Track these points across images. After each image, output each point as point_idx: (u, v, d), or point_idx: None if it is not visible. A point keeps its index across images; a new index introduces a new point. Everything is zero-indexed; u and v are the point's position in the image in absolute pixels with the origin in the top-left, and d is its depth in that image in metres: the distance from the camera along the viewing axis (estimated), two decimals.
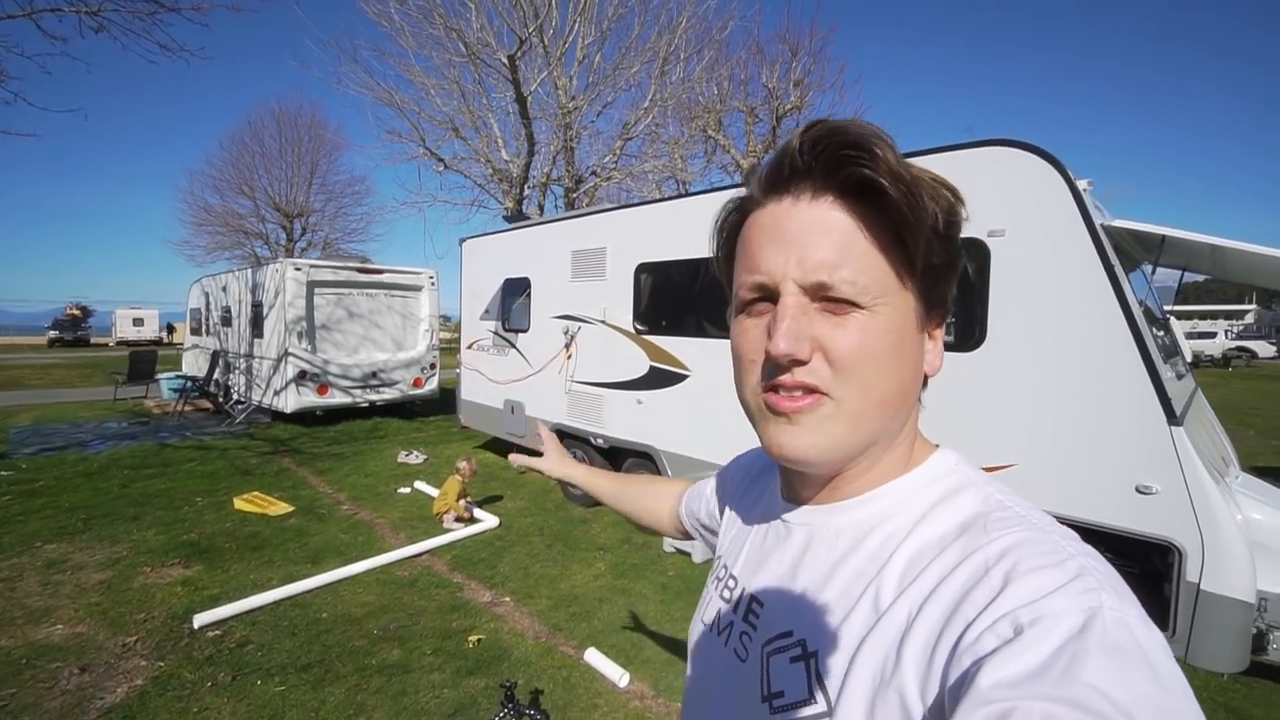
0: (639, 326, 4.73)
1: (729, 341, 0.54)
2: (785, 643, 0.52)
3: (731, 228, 0.55)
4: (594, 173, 10.86)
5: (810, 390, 0.47)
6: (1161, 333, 3.54)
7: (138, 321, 35.05)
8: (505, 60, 8.51)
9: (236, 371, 10.36)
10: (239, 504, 5.25)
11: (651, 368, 4.63)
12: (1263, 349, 26.90)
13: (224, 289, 11.07)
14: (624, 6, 9.51)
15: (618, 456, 5.15)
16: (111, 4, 5.42)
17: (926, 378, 0.54)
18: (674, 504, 0.97)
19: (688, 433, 4.40)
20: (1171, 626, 2.45)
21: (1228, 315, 38.09)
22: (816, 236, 0.46)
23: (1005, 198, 2.82)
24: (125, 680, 2.79)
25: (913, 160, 0.47)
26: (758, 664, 0.54)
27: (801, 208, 0.47)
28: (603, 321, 5.03)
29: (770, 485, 0.65)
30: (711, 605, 0.65)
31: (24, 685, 2.74)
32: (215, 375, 10.52)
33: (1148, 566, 2.57)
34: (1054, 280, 2.74)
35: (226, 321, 10.88)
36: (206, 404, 10.47)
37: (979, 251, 2.88)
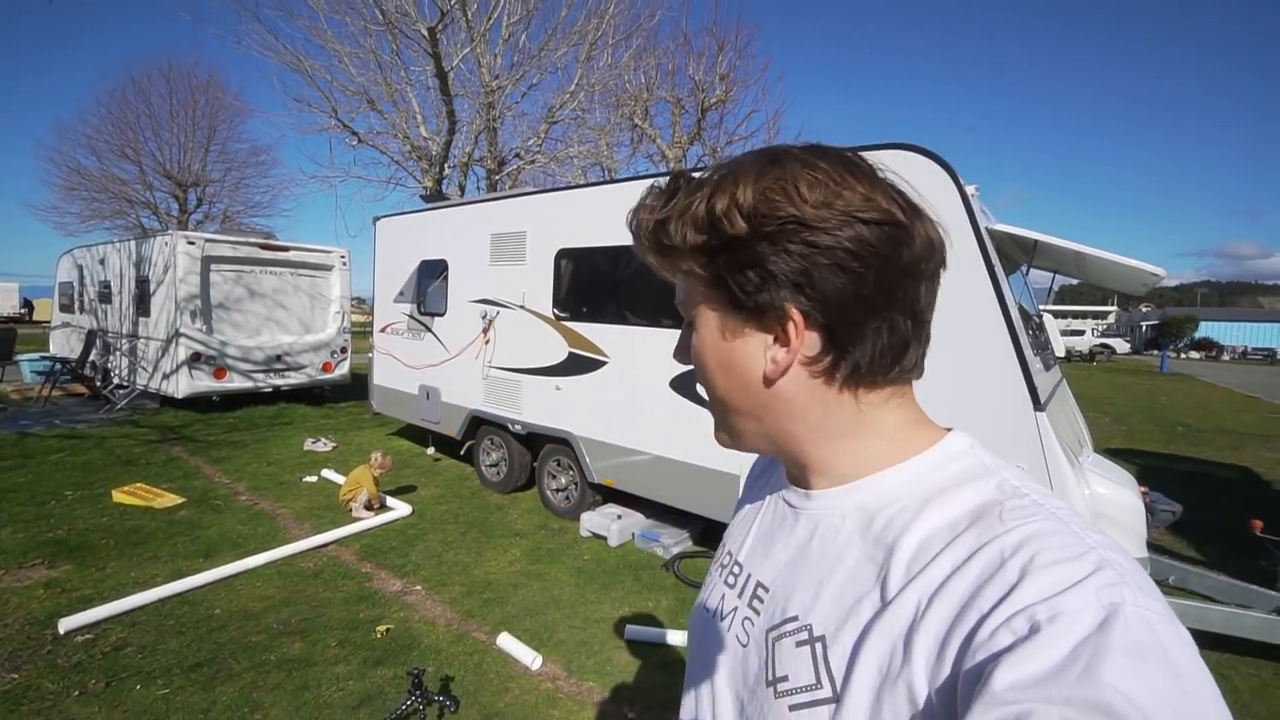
0: (559, 312, 4.71)
1: (648, 330, 0.59)
2: (791, 627, 0.52)
3: None
4: (518, 155, 10.62)
5: None
6: (1035, 329, 3.93)
7: None
8: (425, 32, 8.14)
9: (118, 353, 9.41)
10: (118, 496, 4.81)
11: (570, 354, 4.63)
12: (1120, 345, 30.43)
13: (102, 262, 9.98)
14: None
15: (535, 443, 5.12)
16: None
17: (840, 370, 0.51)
18: None
19: (605, 419, 4.44)
20: None
21: (1094, 315, 42.54)
22: None
23: None
24: None
25: None
26: (762, 648, 0.54)
27: None
28: (522, 306, 4.97)
29: (779, 472, 0.65)
30: (715, 590, 0.66)
31: None
32: (92, 357, 9.49)
33: None
34: (941, 276, 2.98)
35: (105, 298, 9.83)
36: (81, 388, 9.43)
37: None
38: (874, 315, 0.49)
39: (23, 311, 31.55)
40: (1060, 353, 4.34)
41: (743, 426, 0.56)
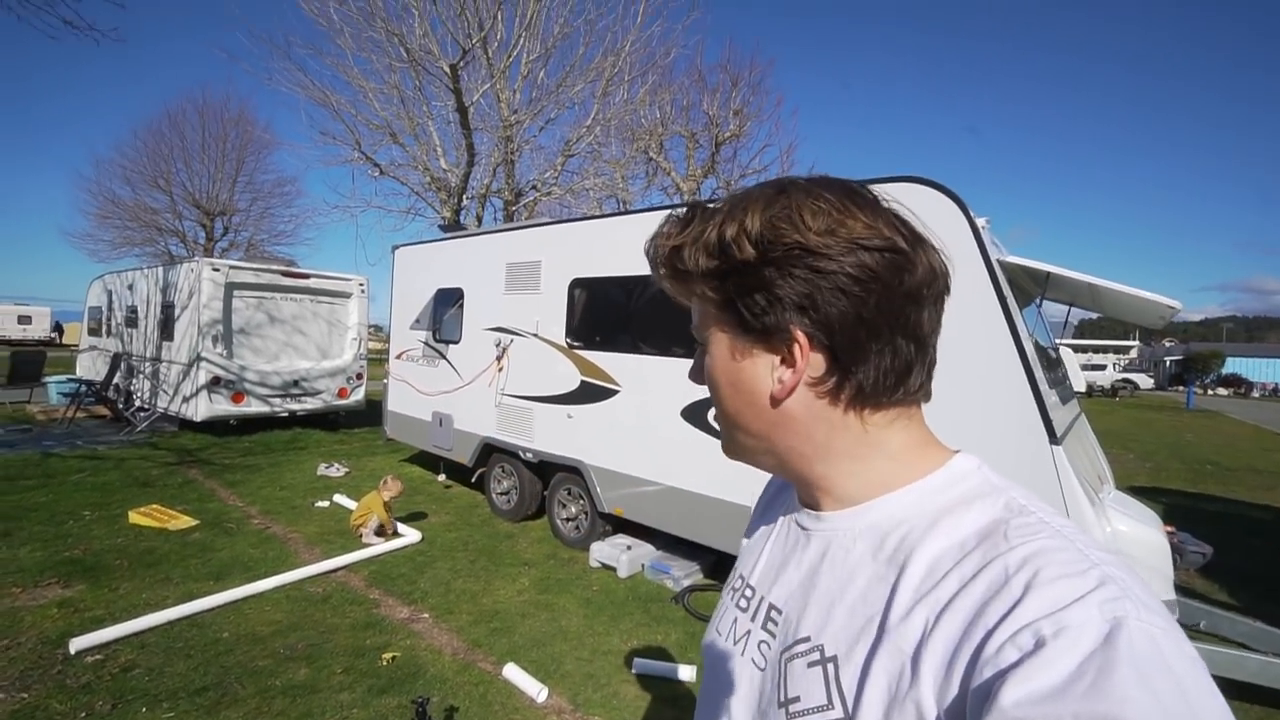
0: (571, 341, 4.75)
1: (660, 359, 0.62)
2: (803, 648, 0.52)
3: None
4: (534, 187, 10.85)
5: None
6: (1051, 363, 3.89)
7: (24, 319, 31.89)
8: (447, 69, 8.43)
9: (140, 376, 9.61)
10: (134, 518, 4.86)
11: (583, 382, 4.65)
12: (1144, 381, 29.85)
13: (130, 287, 10.28)
14: (569, 26, 9.63)
15: (546, 471, 5.12)
16: None
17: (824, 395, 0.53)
18: None
19: (617, 448, 4.44)
20: None
21: (1116, 350, 41.91)
22: None
23: None
24: None
25: None
26: (776, 671, 0.54)
27: None
28: (535, 335, 5.02)
29: (791, 495, 0.65)
30: (727, 615, 0.66)
31: None
32: (115, 379, 9.71)
33: None
34: (952, 308, 2.96)
35: (132, 322, 10.09)
36: (104, 410, 9.62)
37: None
38: (876, 338, 0.50)
39: (53, 335, 32.44)
40: (1080, 387, 4.28)
41: (750, 444, 0.58)
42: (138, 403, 9.53)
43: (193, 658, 2.97)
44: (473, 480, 5.84)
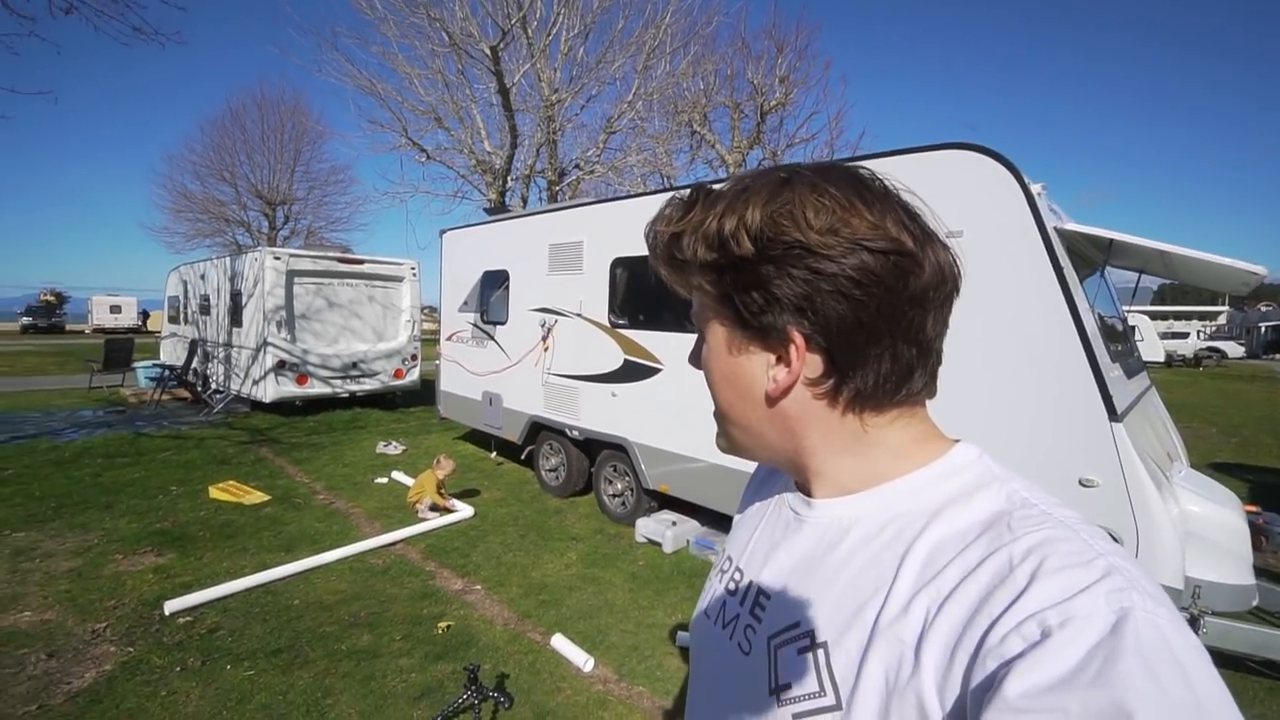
0: (614, 320, 4.79)
1: None
2: (793, 634, 0.51)
3: None
4: (577, 165, 10.87)
5: None
6: (1115, 334, 3.67)
7: (115, 309, 34.47)
8: (488, 51, 8.48)
9: (215, 361, 10.27)
10: (214, 493, 5.25)
11: (625, 361, 4.69)
12: (1232, 349, 27.64)
13: (203, 277, 10.95)
14: None
15: (592, 448, 5.22)
16: None
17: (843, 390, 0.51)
18: None
19: (660, 425, 4.47)
20: None
21: (1201, 316, 38.89)
22: None
23: (963, 199, 2.92)
24: (94, 665, 2.82)
25: (872, 162, 0.54)
26: (764, 656, 0.53)
27: None
28: (579, 315, 5.08)
29: (784, 477, 0.64)
30: (715, 597, 0.65)
31: None
32: (193, 364, 10.42)
33: None
34: (1006, 279, 2.84)
35: (205, 310, 10.77)
36: (184, 393, 10.36)
37: None
38: (876, 342, 0.49)
39: (140, 323, 34.94)
40: (1158, 357, 4.03)
41: (742, 439, 0.58)
42: (214, 385, 10.21)
43: (268, 622, 3.22)
44: (522, 457, 6.01)
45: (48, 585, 3.56)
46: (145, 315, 36.06)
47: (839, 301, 0.47)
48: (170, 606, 3.29)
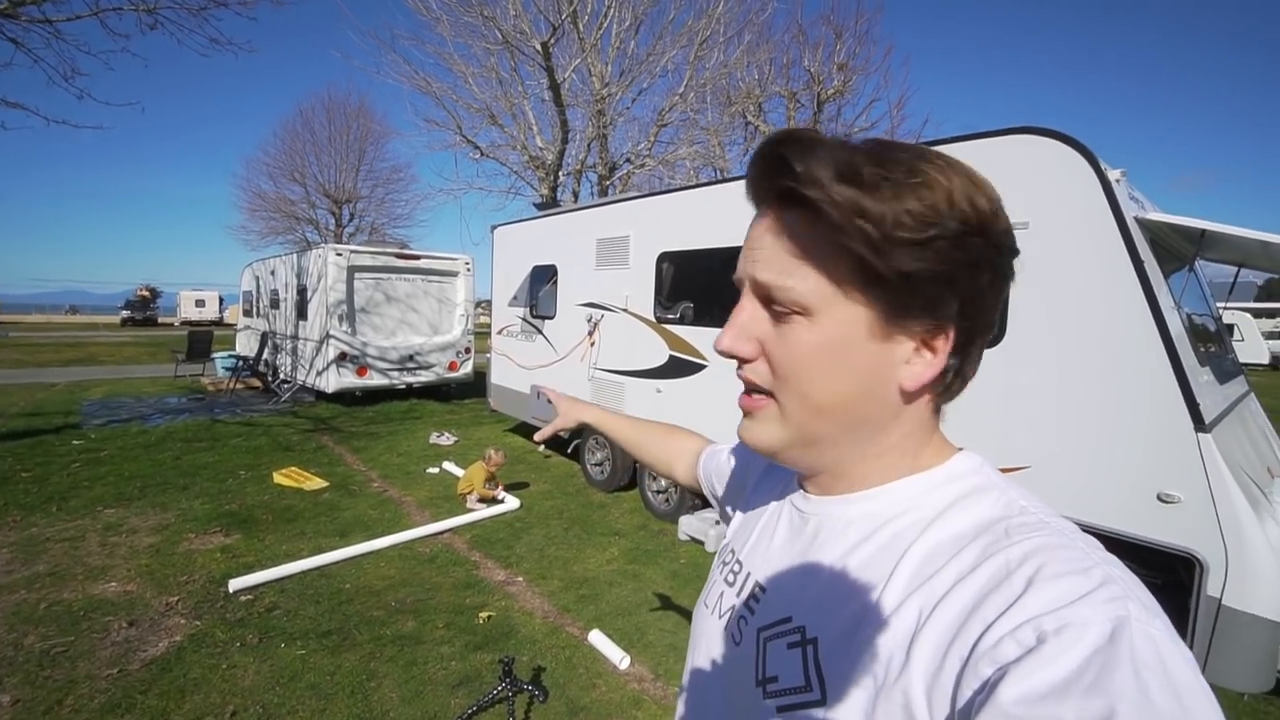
0: (660, 315, 4.75)
1: None
2: (783, 628, 0.51)
3: None
4: (628, 160, 10.85)
5: (761, 390, 0.51)
6: (1208, 334, 3.35)
7: (200, 303, 36.93)
8: (539, 47, 8.56)
9: (283, 352, 10.84)
10: (278, 478, 5.53)
11: (671, 357, 4.64)
12: None
13: (273, 273, 11.56)
14: None
15: None
16: (166, 1, 5.69)
17: (922, 387, 0.48)
18: (691, 460, 0.98)
19: (705, 422, 4.39)
20: (1190, 641, 2.35)
21: None
22: (757, 247, 0.49)
23: (1030, 188, 2.71)
24: (166, 636, 3.01)
25: (941, 148, 0.48)
26: (752, 648, 0.54)
27: (758, 217, 0.50)
28: (625, 310, 5.06)
29: (790, 473, 0.62)
30: (714, 588, 0.65)
31: (81, 635, 2.99)
32: (264, 355, 11.03)
33: (1169, 578, 2.46)
34: (1078, 275, 2.63)
35: (275, 304, 11.37)
36: (256, 383, 11.01)
37: None
38: (986, 330, 0.48)
39: (223, 316, 37.37)
40: (1261, 359, 3.67)
41: (819, 432, 0.50)
42: (282, 376, 10.79)
43: (320, 604, 3.36)
44: (568, 451, 6.06)
45: (131, 559, 3.84)
46: (225, 308, 38.54)
47: (997, 287, 0.47)
48: (234, 585, 3.48)
